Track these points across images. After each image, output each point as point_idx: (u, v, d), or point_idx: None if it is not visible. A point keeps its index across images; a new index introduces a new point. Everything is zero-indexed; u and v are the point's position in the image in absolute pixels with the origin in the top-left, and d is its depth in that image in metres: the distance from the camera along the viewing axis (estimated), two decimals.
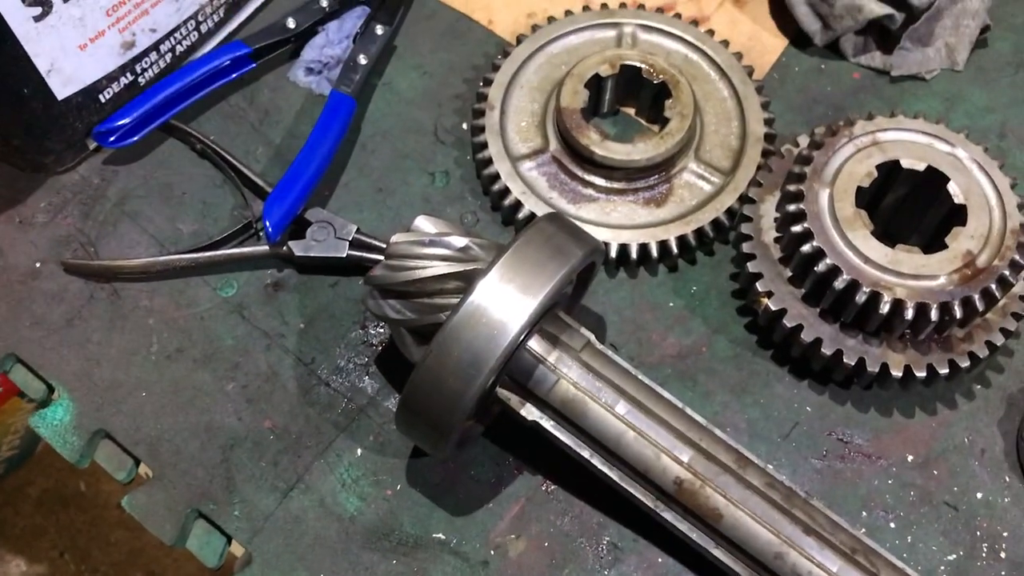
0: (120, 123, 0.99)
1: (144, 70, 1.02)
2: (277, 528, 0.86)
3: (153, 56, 1.02)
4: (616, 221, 0.96)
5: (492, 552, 0.86)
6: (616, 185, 0.97)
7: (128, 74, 1.00)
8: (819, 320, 0.86)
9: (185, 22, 1.03)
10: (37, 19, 0.88)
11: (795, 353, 0.89)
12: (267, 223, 0.93)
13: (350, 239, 0.96)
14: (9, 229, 0.99)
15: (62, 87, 0.94)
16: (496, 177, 0.98)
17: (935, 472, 0.88)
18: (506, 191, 0.98)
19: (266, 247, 0.95)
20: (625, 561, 0.85)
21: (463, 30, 1.11)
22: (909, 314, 0.80)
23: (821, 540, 0.75)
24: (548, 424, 0.80)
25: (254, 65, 1.05)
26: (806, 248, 0.82)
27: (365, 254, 0.95)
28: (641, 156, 0.95)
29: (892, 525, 0.86)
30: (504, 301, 0.72)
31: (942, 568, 0.85)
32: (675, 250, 0.95)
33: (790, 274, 0.87)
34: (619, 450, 0.78)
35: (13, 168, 1.00)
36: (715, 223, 0.96)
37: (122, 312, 0.95)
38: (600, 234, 0.94)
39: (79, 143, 1.00)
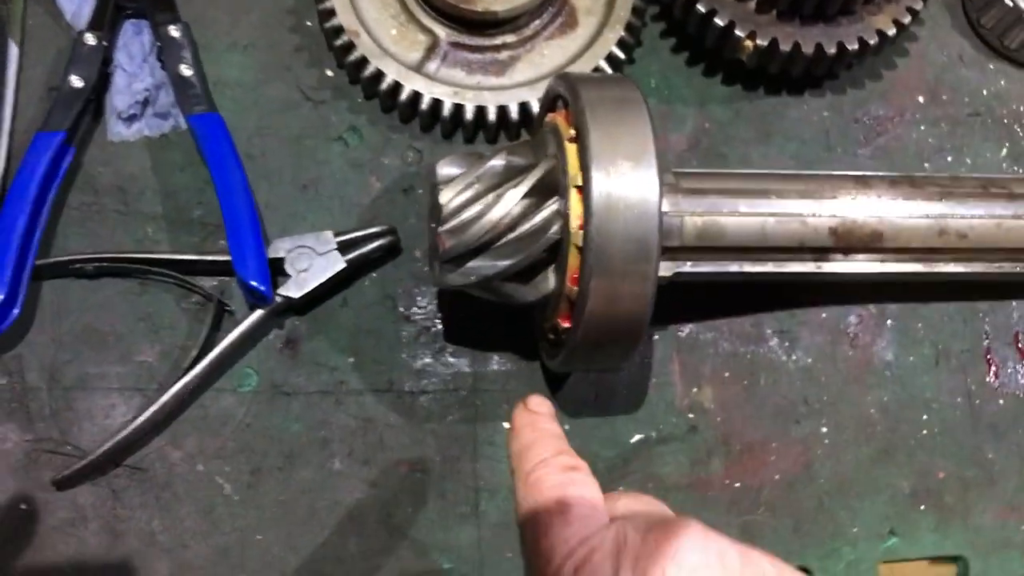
0: None
1: None
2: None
3: None
4: (553, 65, 0.89)
5: (690, 416, 0.82)
6: (527, 33, 0.89)
7: None
8: (804, 28, 0.85)
9: None
10: None
11: (796, 73, 0.89)
12: (253, 284, 0.77)
13: (336, 246, 0.82)
14: None
15: None
16: (418, 96, 0.86)
17: (944, 94, 0.93)
18: (437, 104, 0.86)
19: (256, 314, 0.80)
20: (801, 336, 0.84)
21: None
22: None
23: (960, 197, 0.78)
24: (687, 267, 0.75)
25: (74, 149, 0.84)
26: None
27: (360, 251, 0.82)
28: None
29: (949, 157, 0.91)
30: (627, 177, 0.64)
31: (1002, 168, 0.91)
32: (622, 55, 0.90)
33: (755, 3, 0.85)
34: (767, 241, 0.74)
35: None
36: (634, 10, 0.91)
37: (161, 480, 0.77)
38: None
39: None
